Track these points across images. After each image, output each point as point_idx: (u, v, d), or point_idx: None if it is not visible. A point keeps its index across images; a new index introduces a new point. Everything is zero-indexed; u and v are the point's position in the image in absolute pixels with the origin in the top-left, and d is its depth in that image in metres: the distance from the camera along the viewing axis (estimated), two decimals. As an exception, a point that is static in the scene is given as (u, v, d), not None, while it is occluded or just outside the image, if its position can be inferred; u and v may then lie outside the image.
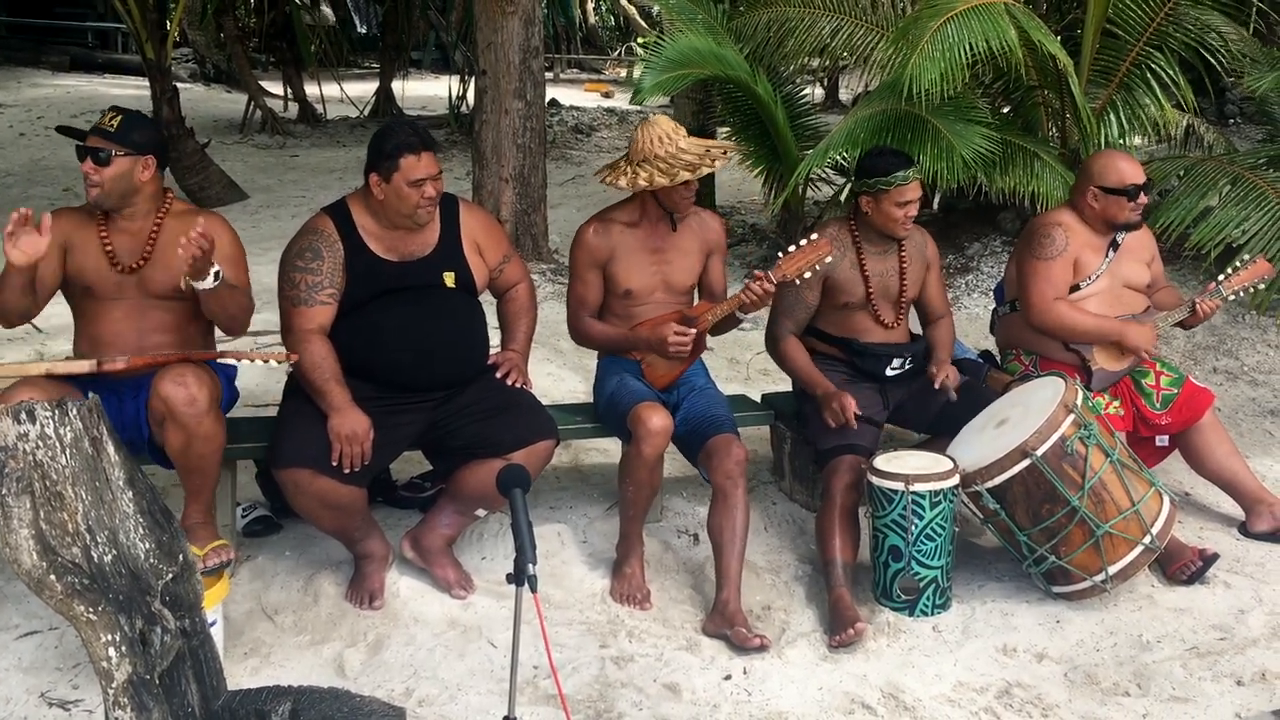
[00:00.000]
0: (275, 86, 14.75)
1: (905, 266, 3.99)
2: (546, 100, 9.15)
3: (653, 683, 3.19)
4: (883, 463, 3.62)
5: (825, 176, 7.76)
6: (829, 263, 3.76)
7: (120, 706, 2.19)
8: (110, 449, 2.28)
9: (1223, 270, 4.18)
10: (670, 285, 3.83)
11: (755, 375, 5.66)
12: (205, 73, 17.64)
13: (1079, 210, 4.06)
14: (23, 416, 2.16)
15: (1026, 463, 3.46)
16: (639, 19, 20.34)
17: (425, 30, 16.01)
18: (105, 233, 3.41)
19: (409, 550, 3.65)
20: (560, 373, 5.64)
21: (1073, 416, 3.49)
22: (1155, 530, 3.52)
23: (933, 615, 3.56)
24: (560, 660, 3.22)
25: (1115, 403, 4.03)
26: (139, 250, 3.41)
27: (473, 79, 9.41)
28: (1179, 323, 4.11)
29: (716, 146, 3.73)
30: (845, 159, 6.45)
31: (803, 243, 3.73)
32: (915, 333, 4.15)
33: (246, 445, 3.66)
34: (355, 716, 2.34)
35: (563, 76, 20.64)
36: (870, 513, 3.66)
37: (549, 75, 14.85)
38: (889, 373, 3.97)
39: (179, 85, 10.14)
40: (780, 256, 3.73)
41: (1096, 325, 3.96)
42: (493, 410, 3.56)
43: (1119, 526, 3.48)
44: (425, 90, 16.16)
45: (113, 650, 2.19)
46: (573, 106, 15.20)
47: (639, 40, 20.15)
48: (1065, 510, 3.47)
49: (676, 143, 3.66)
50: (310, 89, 14.42)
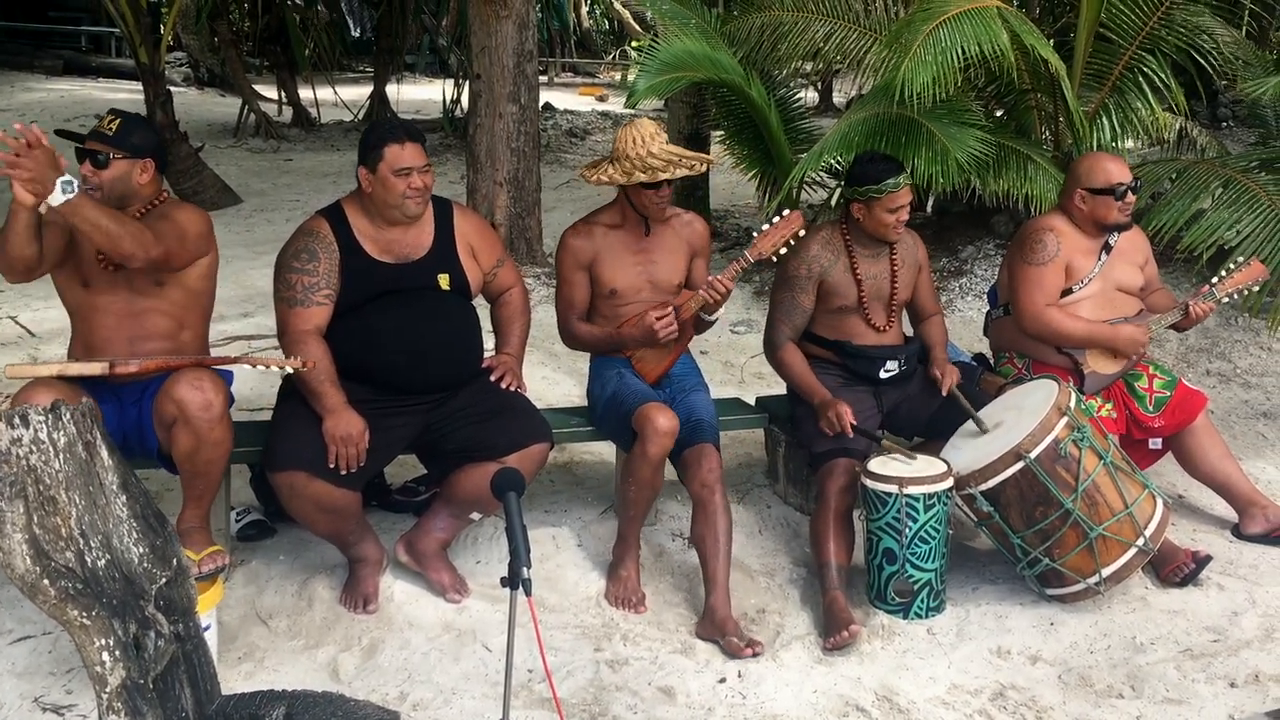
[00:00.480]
0: (269, 90, 14.71)
1: (897, 269, 4.00)
2: (541, 104, 9.15)
3: (647, 686, 3.19)
4: (877, 466, 3.62)
5: (819, 180, 7.76)
6: (803, 235, 3.82)
7: (114, 711, 2.19)
8: (104, 453, 2.28)
9: (1216, 273, 4.19)
10: (656, 285, 3.86)
11: (750, 378, 5.66)
12: (199, 77, 17.61)
13: (1069, 214, 4.07)
14: (16, 421, 2.16)
15: (1020, 465, 3.46)
16: (633, 23, 20.36)
17: (419, 34, 15.99)
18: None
19: (403, 554, 3.65)
20: (555, 376, 5.64)
21: (1066, 419, 3.50)
22: (1149, 532, 3.53)
23: (927, 618, 3.57)
24: (555, 664, 3.22)
25: (1108, 405, 4.04)
26: None
27: (467, 83, 9.40)
28: (1172, 325, 4.12)
29: (692, 157, 3.76)
30: (839, 162, 6.44)
31: (775, 219, 3.79)
32: (909, 335, 4.16)
33: (241, 449, 3.66)
34: (349, 721, 2.33)
35: (557, 80, 20.63)
36: (864, 516, 3.66)
37: (543, 79, 14.84)
38: (883, 375, 3.98)
39: (173, 89, 10.11)
40: (755, 236, 3.81)
41: (1088, 331, 3.97)
42: (487, 414, 3.56)
43: (1112, 529, 3.49)
44: (419, 94, 16.14)
45: (106, 655, 2.19)
46: (567, 110, 15.20)
47: (633, 44, 20.18)
48: (1059, 513, 3.47)
49: (649, 146, 3.71)
50: (304, 93, 14.38)
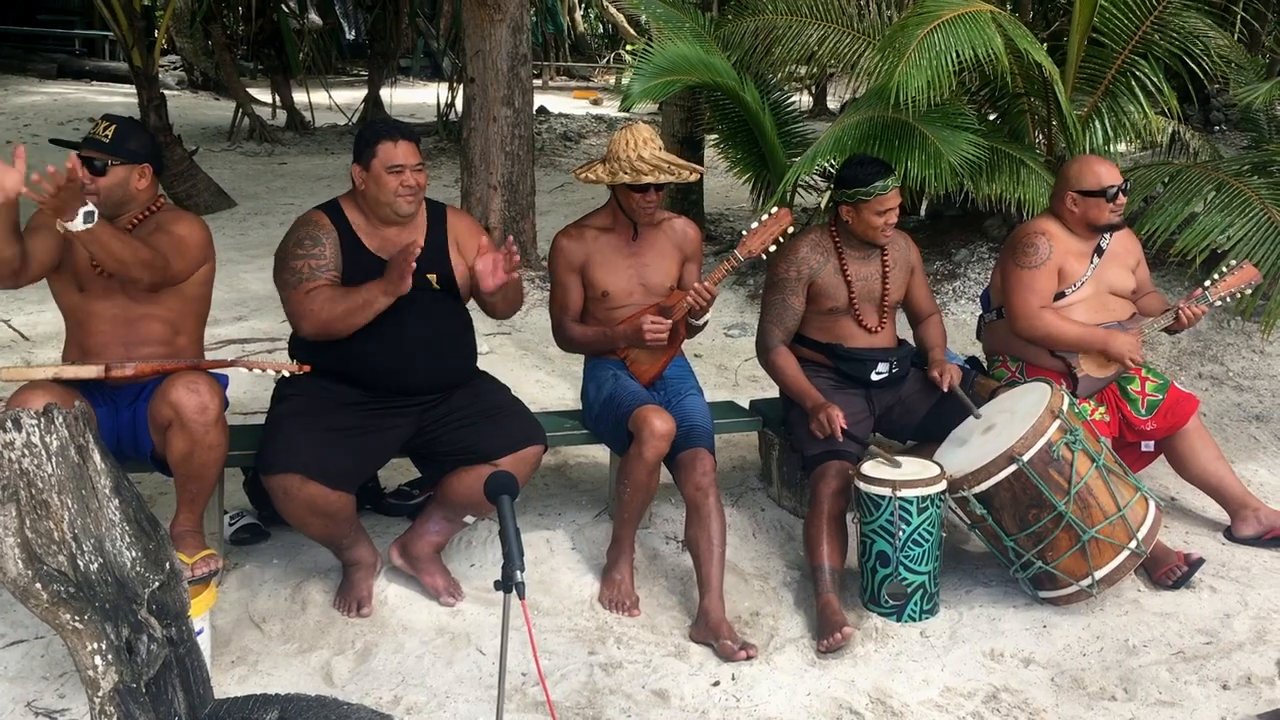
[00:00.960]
0: (263, 94, 14.72)
1: (888, 271, 4.01)
2: (535, 108, 9.16)
3: (641, 689, 3.19)
4: (870, 468, 3.63)
5: (812, 183, 7.78)
6: (790, 232, 3.85)
7: (106, 715, 2.18)
8: (96, 457, 2.27)
9: (1209, 276, 4.20)
10: (648, 287, 3.87)
11: (744, 381, 5.67)
12: (193, 80, 17.61)
13: (1060, 217, 4.09)
14: (8, 425, 2.16)
15: (1013, 468, 3.47)
16: (627, 27, 20.36)
17: (413, 38, 16.01)
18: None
19: (397, 557, 3.65)
20: (549, 379, 5.65)
21: (1059, 422, 3.50)
22: (1141, 535, 3.54)
23: (920, 620, 3.57)
24: (548, 667, 3.22)
25: (1101, 409, 4.05)
26: None
27: (461, 86, 9.41)
28: (1165, 329, 4.13)
29: (681, 166, 3.77)
30: (833, 166, 6.45)
31: (764, 217, 3.82)
32: (901, 338, 4.17)
33: (234, 453, 3.65)
34: (342, 724, 2.33)
35: (551, 84, 20.65)
36: (858, 518, 3.66)
37: (537, 82, 14.85)
38: (874, 377, 3.98)
39: (166, 93, 10.12)
40: (744, 234, 3.84)
41: (1081, 335, 3.98)
42: (481, 416, 3.56)
43: (1105, 531, 3.50)
44: (413, 98, 16.15)
45: (99, 659, 2.18)
46: (561, 114, 15.21)
47: (627, 48, 20.19)
48: (1051, 515, 3.48)
49: (640, 150, 3.74)
50: (298, 96, 14.39)
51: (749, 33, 6.99)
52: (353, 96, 15.24)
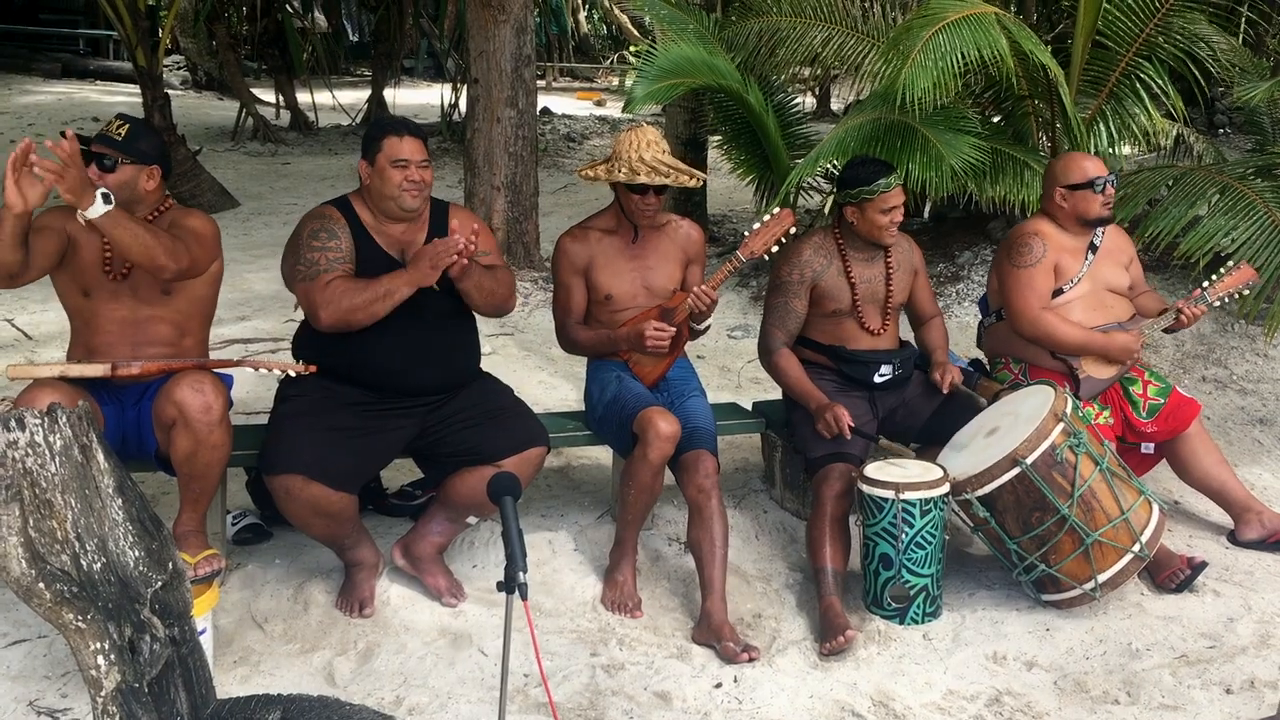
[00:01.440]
0: (267, 94, 14.74)
1: (892, 272, 4.01)
2: (538, 108, 9.16)
3: (643, 691, 3.19)
4: (873, 471, 3.62)
5: (816, 185, 7.78)
6: (793, 233, 3.85)
7: (109, 715, 2.18)
8: (100, 456, 2.27)
9: (1208, 276, 4.20)
10: (651, 289, 3.87)
11: (747, 383, 5.67)
12: (197, 80, 17.63)
13: (1052, 216, 4.11)
14: (12, 424, 2.16)
15: (1016, 471, 3.47)
16: (631, 28, 20.36)
17: (417, 38, 16.01)
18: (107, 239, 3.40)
19: (399, 558, 3.65)
20: (552, 380, 5.64)
21: (1062, 425, 3.50)
22: (1144, 538, 3.53)
23: (923, 623, 3.57)
24: (551, 668, 3.22)
25: (1105, 412, 4.05)
26: None
27: (465, 87, 9.41)
28: (1165, 328, 4.14)
29: (682, 171, 3.77)
30: (836, 168, 6.45)
31: (766, 218, 3.83)
32: (905, 340, 4.16)
33: (238, 453, 3.65)
34: (345, 725, 2.33)
35: (555, 85, 20.66)
36: (861, 521, 3.66)
37: (541, 83, 14.87)
38: (877, 379, 3.98)
39: (170, 92, 10.13)
40: (746, 235, 3.84)
41: (1081, 338, 3.98)
42: (484, 417, 3.56)
43: (1108, 535, 3.49)
44: (417, 98, 16.15)
45: (101, 658, 2.19)
46: (564, 115, 15.21)
47: (631, 49, 20.17)
48: (1055, 518, 3.47)
49: (642, 152, 3.74)
50: (302, 97, 14.41)
51: (753, 34, 6.99)
52: (356, 97, 15.26)
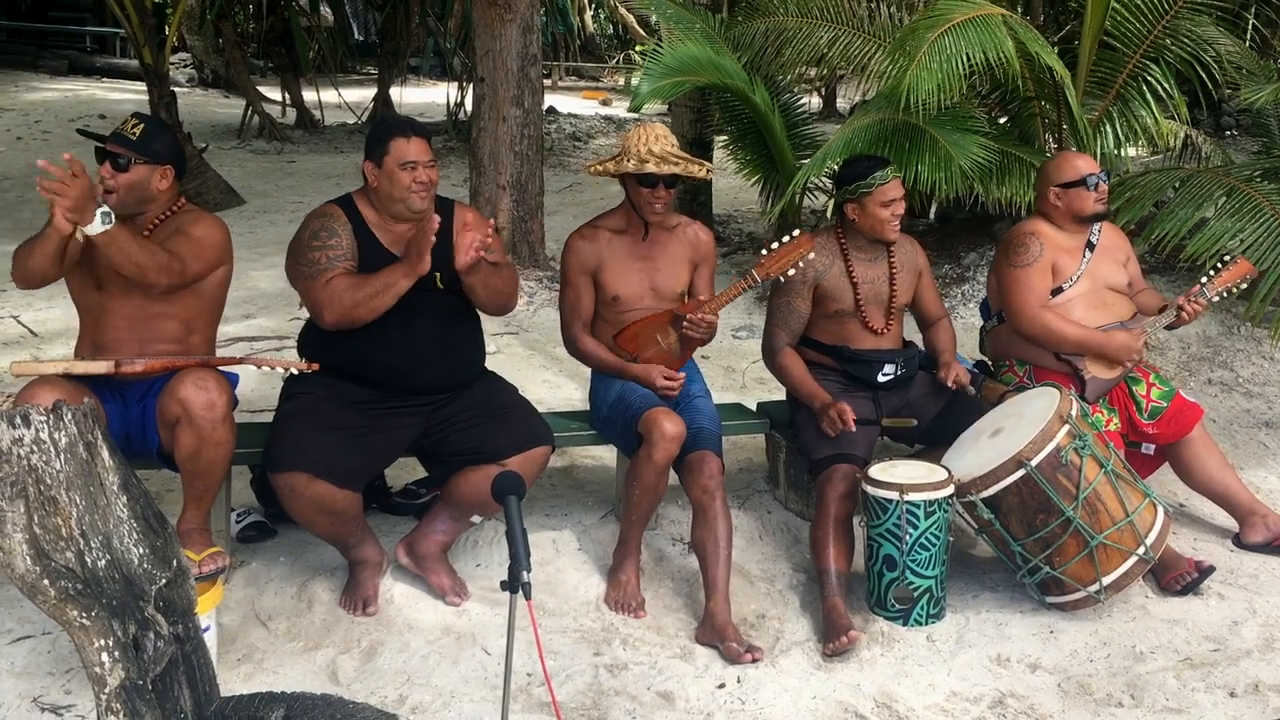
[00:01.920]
0: (273, 92, 14.75)
1: (895, 273, 4.00)
2: (544, 108, 9.16)
3: (646, 691, 3.19)
4: (877, 472, 3.62)
5: (822, 185, 7.77)
6: (811, 259, 3.82)
7: (113, 712, 2.18)
8: (105, 454, 2.27)
9: (1205, 272, 4.20)
10: (658, 292, 3.86)
11: (751, 383, 5.66)
12: (203, 78, 17.64)
13: (1047, 215, 4.13)
14: (17, 421, 2.16)
15: (1021, 473, 3.46)
16: (637, 27, 20.35)
17: (423, 37, 16.03)
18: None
19: (403, 556, 3.65)
20: (557, 380, 5.64)
21: (1067, 427, 3.49)
22: (1149, 541, 3.53)
23: (927, 625, 3.56)
24: (554, 668, 3.22)
25: (1114, 418, 4.04)
26: None
27: (470, 86, 9.41)
28: (1167, 325, 4.14)
29: (692, 162, 3.77)
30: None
31: (785, 239, 3.81)
32: (908, 340, 4.16)
33: (242, 450, 3.66)
34: (348, 723, 2.33)
35: (560, 84, 20.65)
36: (865, 522, 3.66)
37: (547, 82, 14.84)
38: (880, 379, 3.97)
39: (177, 90, 10.12)
40: (762, 255, 3.82)
41: (1081, 336, 3.98)
42: (488, 416, 3.56)
43: (1113, 537, 3.49)
44: (423, 97, 16.16)
45: (105, 655, 2.19)
46: (570, 114, 15.20)
47: (637, 48, 20.16)
48: (1059, 520, 3.47)
49: (651, 145, 3.75)
50: (308, 95, 14.41)
51: (759, 34, 6.99)
52: (362, 95, 15.25)
